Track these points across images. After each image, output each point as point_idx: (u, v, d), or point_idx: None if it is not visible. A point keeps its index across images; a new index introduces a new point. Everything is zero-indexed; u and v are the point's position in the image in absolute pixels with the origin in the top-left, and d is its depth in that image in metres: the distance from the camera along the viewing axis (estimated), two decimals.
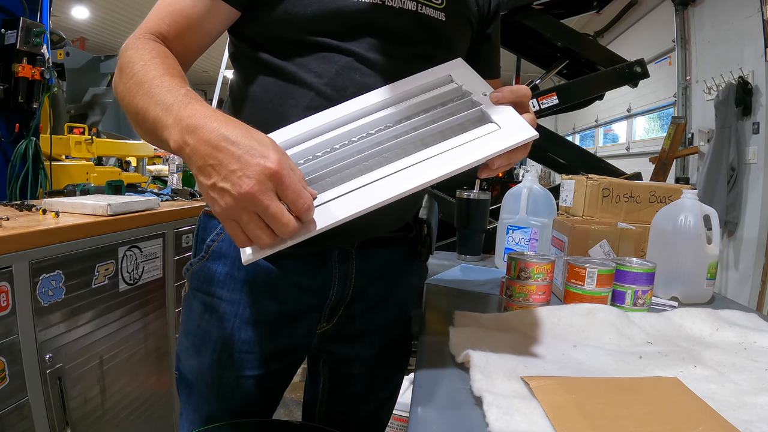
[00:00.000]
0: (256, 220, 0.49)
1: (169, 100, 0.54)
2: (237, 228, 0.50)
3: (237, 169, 0.47)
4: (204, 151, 0.49)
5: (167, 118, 0.53)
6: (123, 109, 0.62)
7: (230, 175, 0.47)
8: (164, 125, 0.53)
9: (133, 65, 0.59)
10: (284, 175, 0.48)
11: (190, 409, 0.81)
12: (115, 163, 3.43)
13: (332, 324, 0.80)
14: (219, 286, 0.76)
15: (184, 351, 0.81)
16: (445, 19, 0.73)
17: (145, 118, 0.56)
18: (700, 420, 0.50)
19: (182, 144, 0.51)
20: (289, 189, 0.48)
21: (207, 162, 0.49)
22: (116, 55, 2.48)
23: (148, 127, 0.56)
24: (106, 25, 7.03)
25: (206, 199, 0.51)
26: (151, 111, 0.55)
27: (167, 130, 0.52)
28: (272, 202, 0.48)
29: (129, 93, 0.59)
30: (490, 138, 0.61)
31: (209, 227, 0.78)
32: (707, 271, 0.97)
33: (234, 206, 0.48)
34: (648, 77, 2.10)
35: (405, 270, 0.86)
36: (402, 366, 0.95)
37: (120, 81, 0.62)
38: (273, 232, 0.50)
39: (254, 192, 0.47)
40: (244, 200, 0.47)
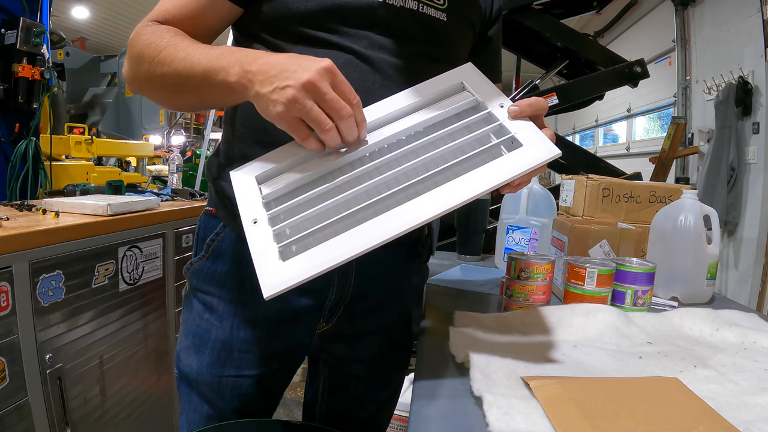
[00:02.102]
0: (317, 110, 0.55)
1: (215, 52, 0.59)
2: (299, 123, 0.56)
3: (297, 69, 0.54)
4: (266, 68, 0.55)
5: (220, 62, 0.58)
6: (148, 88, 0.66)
7: (292, 74, 0.54)
8: (218, 69, 0.58)
9: (158, 43, 0.63)
10: (337, 71, 0.55)
11: (189, 408, 0.81)
12: (115, 163, 3.44)
13: (332, 324, 0.80)
14: (219, 286, 0.77)
15: (183, 350, 0.81)
16: (446, 19, 0.73)
17: (190, 75, 0.60)
18: (700, 420, 0.50)
19: (243, 74, 0.56)
20: (342, 83, 0.56)
21: (269, 74, 0.55)
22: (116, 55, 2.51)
23: (194, 83, 0.60)
24: (106, 25, 7.03)
25: (266, 107, 0.55)
26: (198, 66, 0.59)
27: (223, 72, 0.57)
28: (329, 90, 0.54)
29: (161, 64, 0.62)
30: (513, 157, 0.58)
31: (209, 227, 0.79)
32: (707, 271, 0.97)
33: (296, 96, 0.53)
34: (648, 77, 2.10)
35: (405, 270, 0.86)
36: (403, 366, 0.95)
37: (142, 60, 0.64)
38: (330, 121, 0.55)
39: (314, 80, 0.53)
40: (306, 88, 0.53)
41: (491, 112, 0.63)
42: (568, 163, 2.14)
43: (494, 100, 0.64)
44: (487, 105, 0.64)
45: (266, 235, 0.57)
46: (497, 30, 0.84)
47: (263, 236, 0.57)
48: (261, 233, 0.58)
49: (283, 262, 0.55)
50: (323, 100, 0.54)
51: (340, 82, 0.55)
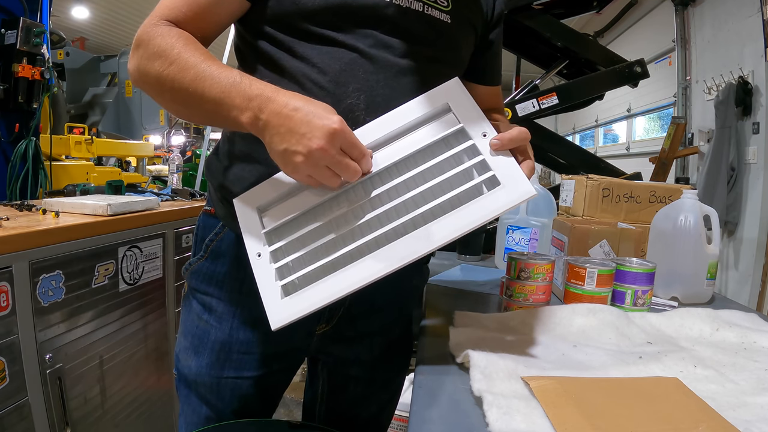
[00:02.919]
0: (327, 171, 0.58)
1: (228, 80, 0.60)
2: (309, 179, 0.60)
3: (306, 132, 0.56)
4: (276, 122, 0.57)
5: (234, 99, 0.59)
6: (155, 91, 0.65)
7: (301, 138, 0.56)
8: (232, 106, 0.59)
9: (168, 52, 0.62)
10: (347, 132, 0.57)
11: (188, 410, 0.81)
12: (115, 163, 3.44)
13: (332, 325, 0.80)
14: (218, 286, 0.76)
15: (183, 351, 0.80)
16: (450, 21, 0.73)
17: (202, 100, 0.60)
18: (700, 420, 0.50)
19: (254, 120, 0.58)
20: (354, 146, 0.59)
21: (279, 131, 0.57)
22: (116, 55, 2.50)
23: (207, 108, 0.61)
24: (106, 25, 7.02)
25: (280, 163, 0.59)
26: (209, 94, 0.60)
27: (236, 110, 0.59)
28: (339, 155, 0.57)
29: (171, 79, 0.62)
30: (491, 198, 0.61)
31: (208, 227, 0.78)
32: (707, 271, 0.97)
33: (306, 163, 0.56)
34: (648, 77, 2.10)
35: (406, 271, 0.85)
36: (403, 367, 0.95)
37: (150, 66, 0.63)
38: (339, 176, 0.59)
39: (323, 148, 0.56)
40: (315, 156, 0.56)
41: (474, 145, 0.64)
42: (568, 163, 2.14)
43: (477, 128, 0.64)
44: (470, 134, 0.64)
45: (269, 271, 0.63)
46: (498, 33, 0.84)
47: (267, 272, 0.63)
48: (265, 268, 0.64)
49: (288, 297, 0.62)
50: (335, 165, 0.58)
51: (350, 145, 0.58)
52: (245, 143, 0.72)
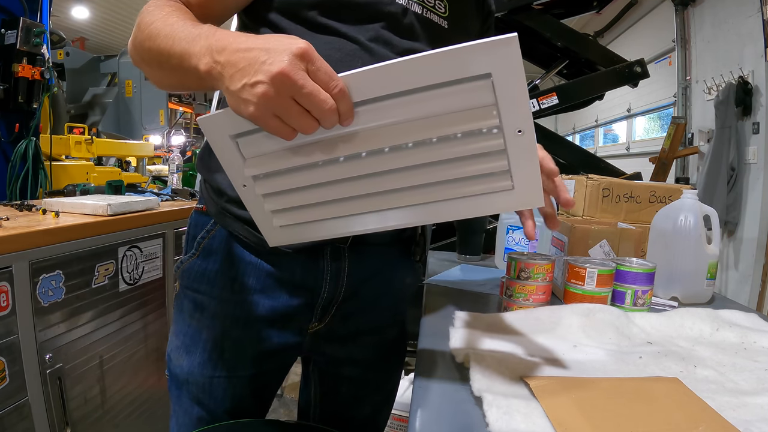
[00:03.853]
0: (295, 107, 0.47)
1: (194, 33, 0.54)
2: (279, 123, 0.48)
3: (267, 59, 0.46)
4: (234, 59, 0.48)
5: (194, 47, 0.53)
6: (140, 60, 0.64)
7: (261, 66, 0.46)
8: (191, 54, 0.53)
9: (153, 14, 0.61)
10: (314, 54, 0.47)
11: (179, 411, 0.80)
12: (115, 163, 3.43)
13: (324, 323, 0.80)
14: (209, 284, 0.76)
15: (174, 351, 0.80)
16: (447, 26, 0.74)
17: (170, 54, 0.56)
18: (700, 420, 0.50)
19: (213, 64, 0.50)
20: (320, 70, 0.47)
21: (238, 67, 0.48)
22: (116, 55, 2.51)
23: (173, 64, 0.56)
24: (106, 25, 7.02)
25: (237, 107, 0.49)
26: (176, 47, 0.55)
27: (195, 57, 0.53)
28: (306, 81, 0.46)
29: (149, 39, 0.59)
30: (498, 197, 0.54)
31: (200, 224, 0.78)
32: (707, 271, 0.97)
33: (268, 93, 0.46)
34: (648, 77, 2.10)
35: (399, 270, 0.86)
36: (397, 368, 0.94)
37: (138, 33, 0.63)
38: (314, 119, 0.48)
39: (286, 71, 0.45)
40: (278, 82, 0.46)
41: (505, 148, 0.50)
42: (568, 163, 2.14)
43: (513, 118, 0.49)
44: (504, 127, 0.49)
45: (259, 201, 0.59)
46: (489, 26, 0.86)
47: (257, 201, 0.59)
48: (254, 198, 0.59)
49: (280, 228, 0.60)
50: (300, 94, 0.46)
51: (318, 68, 0.47)
52: None
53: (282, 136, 0.49)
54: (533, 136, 0.50)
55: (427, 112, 0.49)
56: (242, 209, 0.72)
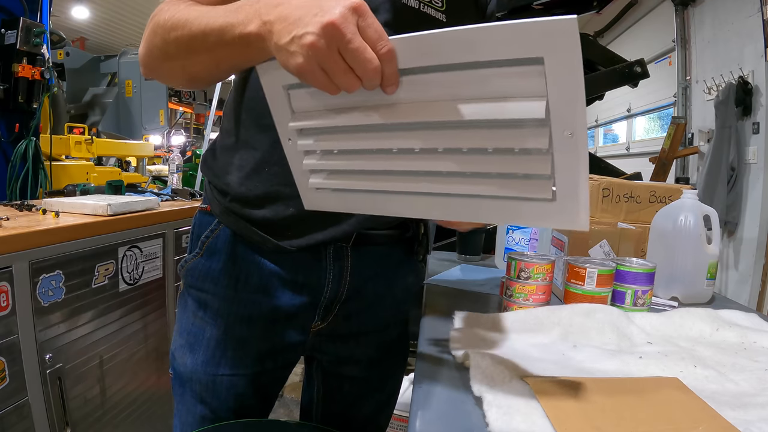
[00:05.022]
0: (341, 63, 0.46)
1: (233, 6, 0.54)
2: (324, 77, 0.47)
3: (318, 11, 0.45)
4: (285, 13, 0.47)
5: (237, 17, 0.52)
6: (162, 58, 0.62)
7: (312, 18, 0.45)
8: (235, 24, 0.52)
9: (173, 10, 0.59)
10: (367, 10, 0.45)
11: (183, 409, 0.81)
12: (115, 163, 3.44)
13: (327, 323, 0.80)
14: (213, 283, 0.76)
15: (178, 349, 0.80)
16: (445, 20, 0.74)
17: (205, 33, 0.55)
18: (700, 420, 0.50)
19: (261, 25, 0.50)
20: (371, 27, 0.45)
21: (288, 21, 0.47)
22: (116, 55, 2.50)
23: (210, 42, 0.55)
24: (106, 25, 7.03)
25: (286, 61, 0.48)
26: (214, 23, 0.54)
27: (240, 25, 0.52)
28: (355, 36, 0.45)
29: (175, 29, 0.58)
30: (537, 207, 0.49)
31: (204, 224, 0.78)
32: (707, 271, 0.97)
33: (316, 44, 0.45)
34: (648, 77, 2.10)
35: (402, 269, 0.86)
36: (399, 368, 0.95)
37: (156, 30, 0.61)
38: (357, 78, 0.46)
39: (336, 22, 0.44)
40: (327, 33, 0.44)
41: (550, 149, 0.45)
42: None
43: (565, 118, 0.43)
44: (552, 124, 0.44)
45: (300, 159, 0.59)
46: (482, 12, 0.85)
47: (298, 158, 0.59)
48: (296, 155, 0.59)
49: (318, 192, 0.60)
50: (345, 48, 0.45)
51: (368, 25, 0.45)
52: (243, 131, 0.73)
53: (324, 90, 0.48)
54: (585, 144, 0.44)
55: (472, 93, 0.46)
56: (246, 208, 0.73)
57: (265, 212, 0.72)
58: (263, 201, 0.72)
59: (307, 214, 0.72)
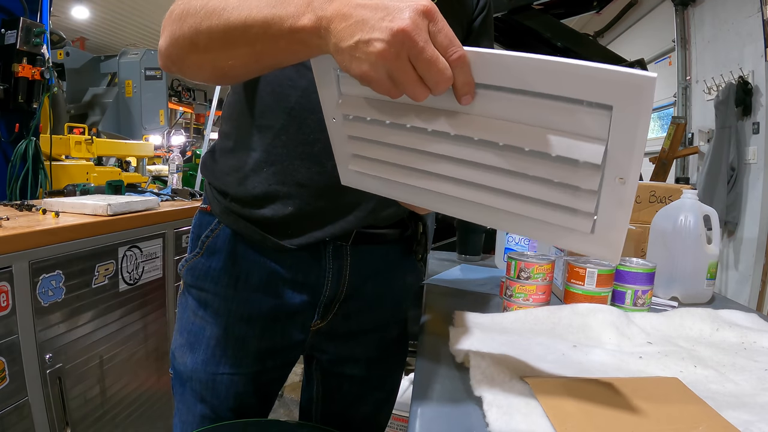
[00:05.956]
0: (412, 74, 0.43)
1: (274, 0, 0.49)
2: (390, 85, 0.44)
3: (386, 15, 0.42)
4: (346, 11, 0.44)
5: (285, 9, 0.48)
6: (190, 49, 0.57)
7: (379, 23, 0.42)
8: (283, 16, 0.48)
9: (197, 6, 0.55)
10: (438, 14, 0.43)
11: (183, 408, 0.81)
12: (115, 163, 3.43)
13: (326, 321, 0.80)
14: (213, 282, 0.77)
15: (178, 348, 0.80)
16: None
17: (246, 25, 0.50)
18: (700, 420, 0.50)
19: (317, 20, 0.45)
20: (442, 32, 0.42)
21: (350, 21, 0.43)
22: (116, 55, 2.50)
23: (251, 35, 0.51)
24: (106, 25, 7.02)
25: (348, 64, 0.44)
26: (257, 14, 0.49)
27: (290, 18, 0.47)
28: (428, 45, 0.42)
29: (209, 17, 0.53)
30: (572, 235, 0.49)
31: (204, 224, 0.78)
32: (707, 271, 0.97)
33: (386, 53, 0.42)
34: None
35: (400, 268, 0.86)
36: (399, 367, 0.95)
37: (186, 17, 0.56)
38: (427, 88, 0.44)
39: (408, 29, 0.41)
40: (398, 42, 0.41)
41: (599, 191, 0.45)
42: None
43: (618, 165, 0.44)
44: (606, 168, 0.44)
45: (344, 138, 0.58)
46: (483, 19, 0.84)
47: (341, 137, 0.58)
48: (339, 134, 0.58)
49: (356, 171, 0.60)
50: (418, 58, 0.42)
51: (439, 30, 0.42)
52: (243, 132, 0.73)
53: (388, 95, 0.46)
54: (634, 190, 0.44)
55: (535, 120, 0.45)
56: (246, 208, 0.73)
57: (265, 212, 0.73)
58: (263, 201, 0.73)
59: (305, 213, 0.72)
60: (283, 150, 0.71)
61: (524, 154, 0.47)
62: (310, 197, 0.72)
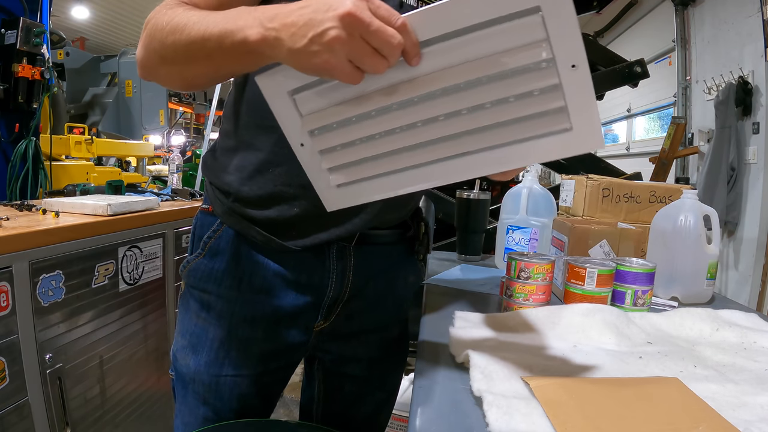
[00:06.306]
0: (367, 47, 0.47)
1: (231, 13, 0.54)
2: (351, 68, 0.48)
3: (328, 7, 0.46)
4: (291, 19, 0.48)
5: (236, 23, 0.52)
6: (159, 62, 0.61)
7: (325, 15, 0.46)
8: (235, 30, 0.52)
9: (171, 14, 0.59)
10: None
11: (185, 410, 0.81)
12: (115, 163, 3.44)
13: (329, 322, 0.80)
14: (216, 283, 0.76)
15: (180, 350, 0.80)
16: None
17: (204, 39, 0.55)
18: (700, 420, 0.50)
19: (265, 32, 0.50)
20: (381, 7, 0.47)
21: (298, 25, 0.47)
22: (116, 55, 2.51)
23: (209, 48, 0.55)
24: (106, 25, 7.03)
25: (307, 62, 0.48)
26: (213, 29, 0.54)
27: (241, 32, 0.51)
28: (373, 19, 0.46)
29: (173, 33, 0.58)
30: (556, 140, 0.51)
31: (206, 224, 0.78)
32: (707, 271, 0.97)
33: (340, 36, 0.46)
34: (648, 77, 2.10)
35: (402, 269, 0.86)
36: (399, 366, 0.95)
37: (155, 33, 0.60)
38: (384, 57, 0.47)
39: (353, 10, 0.45)
40: (347, 23, 0.45)
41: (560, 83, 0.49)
42: (568, 163, 2.14)
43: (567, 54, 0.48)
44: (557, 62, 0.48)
45: (316, 160, 0.59)
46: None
47: (313, 161, 0.59)
48: (310, 157, 0.59)
49: (338, 188, 0.60)
50: (368, 32, 0.46)
51: (378, 6, 0.47)
52: (245, 132, 0.73)
53: (351, 81, 0.49)
54: (587, 70, 0.48)
55: (481, 52, 0.49)
56: (250, 208, 0.73)
57: (269, 213, 0.73)
58: (268, 202, 0.73)
59: (310, 214, 0.72)
60: (288, 151, 0.71)
61: (485, 84, 0.50)
62: (316, 199, 0.71)
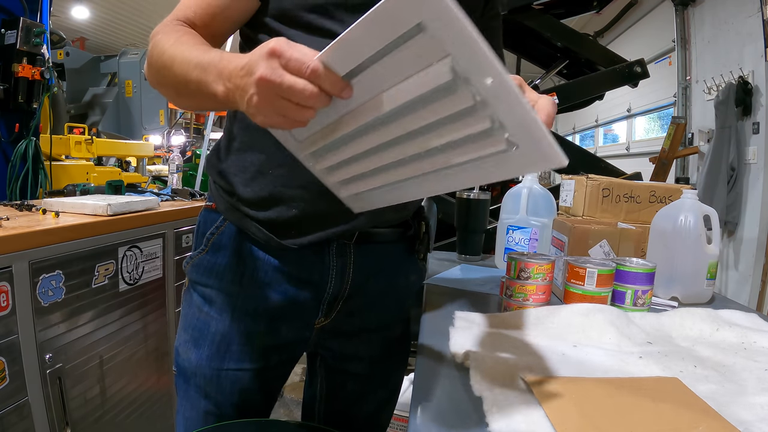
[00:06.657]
0: (288, 103, 0.49)
1: (205, 60, 0.58)
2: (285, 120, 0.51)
3: (246, 73, 0.50)
4: (236, 82, 0.53)
5: (208, 75, 0.57)
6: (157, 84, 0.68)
7: (246, 80, 0.50)
8: (208, 82, 0.57)
9: (164, 44, 0.64)
10: (281, 48, 0.48)
11: (187, 405, 0.81)
12: (115, 163, 3.43)
13: (330, 319, 0.81)
14: (218, 278, 0.77)
15: (183, 345, 0.81)
16: None
17: (187, 81, 0.60)
18: (700, 420, 0.50)
19: (226, 90, 0.54)
20: (291, 60, 0.47)
21: (239, 90, 0.52)
22: (116, 55, 2.52)
23: (191, 89, 0.60)
24: (106, 25, 7.02)
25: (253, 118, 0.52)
26: (192, 75, 0.59)
27: (212, 85, 0.56)
28: (283, 78, 0.48)
29: (164, 68, 0.63)
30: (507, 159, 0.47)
31: (209, 221, 0.80)
32: (707, 271, 0.97)
33: (260, 101, 0.49)
34: (648, 77, 2.10)
35: (403, 267, 0.87)
36: (401, 365, 0.95)
37: (153, 60, 0.66)
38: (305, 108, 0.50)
39: (263, 75, 0.48)
40: (261, 88, 0.48)
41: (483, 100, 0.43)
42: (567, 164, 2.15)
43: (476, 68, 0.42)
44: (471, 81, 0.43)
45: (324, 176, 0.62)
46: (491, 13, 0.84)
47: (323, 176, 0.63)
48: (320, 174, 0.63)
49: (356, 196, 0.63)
50: (282, 91, 0.48)
51: (288, 60, 0.47)
52: (247, 133, 0.74)
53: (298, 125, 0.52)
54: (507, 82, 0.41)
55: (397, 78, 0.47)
56: (252, 209, 0.75)
57: (270, 213, 0.74)
58: (268, 203, 0.74)
59: (309, 215, 0.73)
60: (288, 153, 0.71)
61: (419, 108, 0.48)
62: (315, 200, 0.72)
